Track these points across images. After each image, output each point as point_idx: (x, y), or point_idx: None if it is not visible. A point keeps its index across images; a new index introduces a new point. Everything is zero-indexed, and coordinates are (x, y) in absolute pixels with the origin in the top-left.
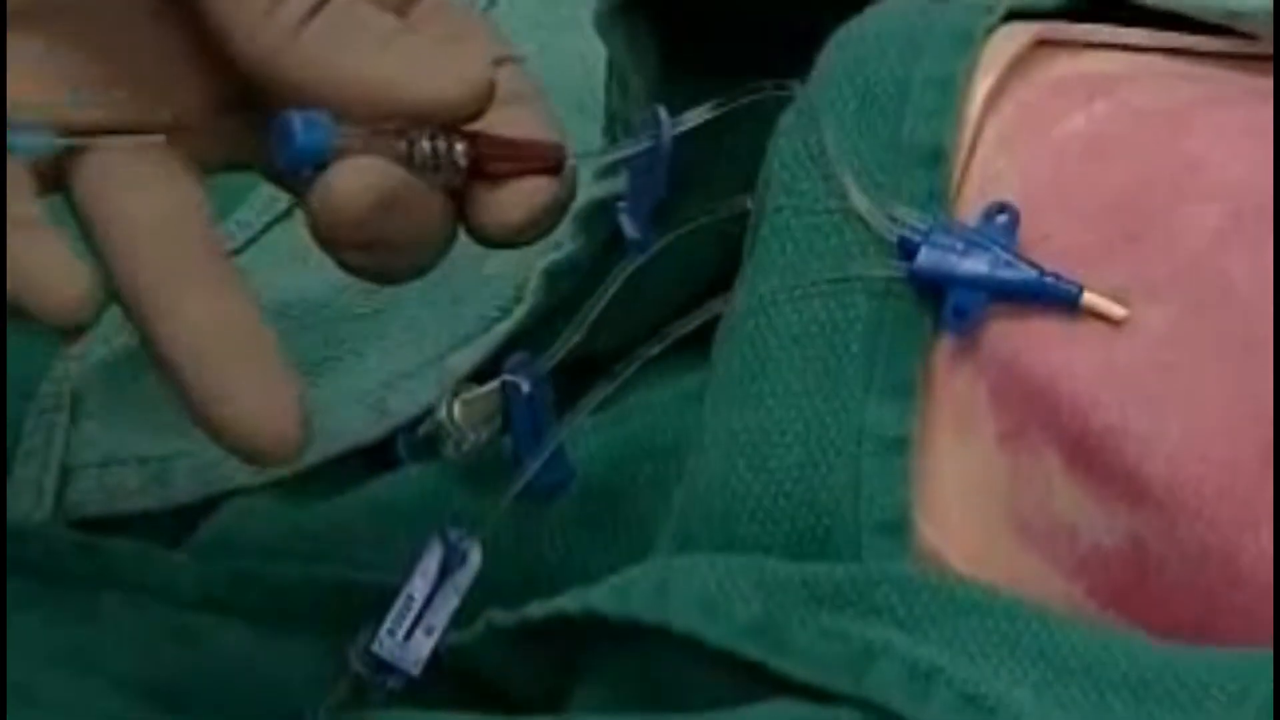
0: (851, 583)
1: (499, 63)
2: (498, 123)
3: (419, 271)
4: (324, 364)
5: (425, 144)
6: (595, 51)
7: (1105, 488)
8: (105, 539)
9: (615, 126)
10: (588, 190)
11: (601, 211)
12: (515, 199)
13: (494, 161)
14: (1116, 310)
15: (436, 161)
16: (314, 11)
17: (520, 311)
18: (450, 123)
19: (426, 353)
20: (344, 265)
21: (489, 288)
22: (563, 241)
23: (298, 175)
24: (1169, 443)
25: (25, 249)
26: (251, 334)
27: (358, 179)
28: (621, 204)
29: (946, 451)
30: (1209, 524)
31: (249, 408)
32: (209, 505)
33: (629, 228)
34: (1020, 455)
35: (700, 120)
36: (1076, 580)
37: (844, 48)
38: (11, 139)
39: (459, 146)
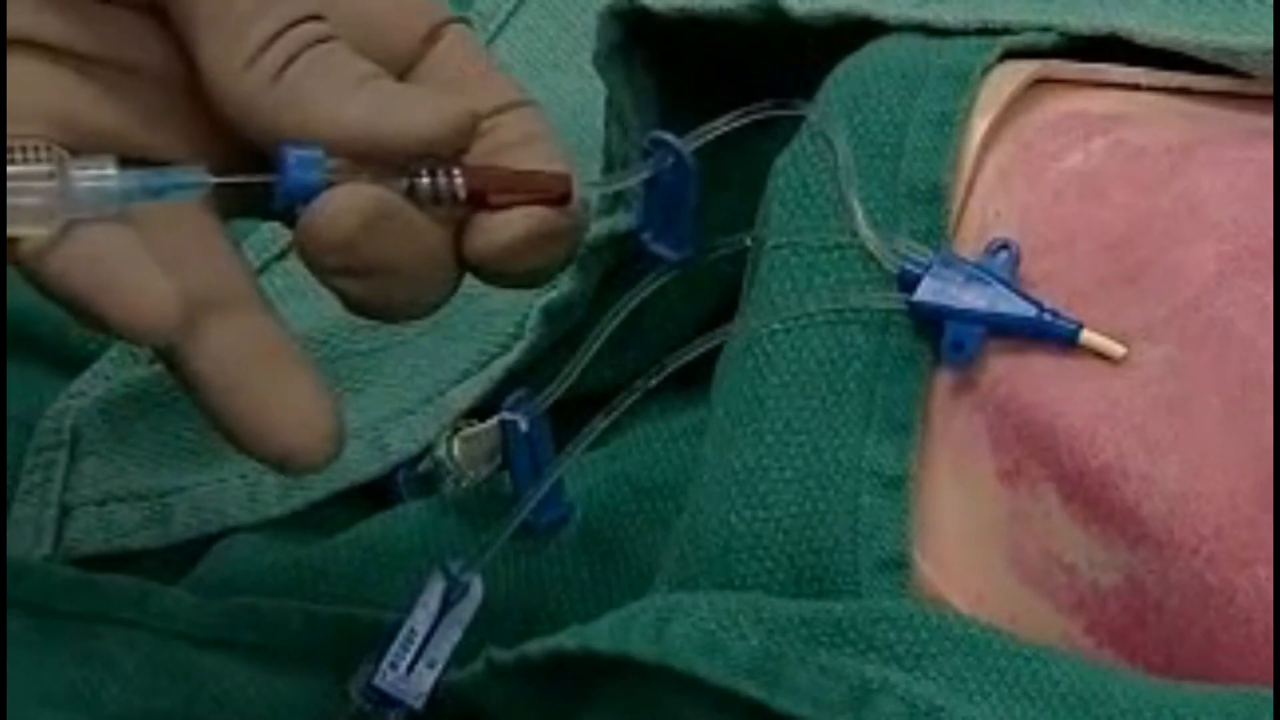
0: (850, 620)
1: (509, 107)
2: (507, 164)
3: (421, 307)
4: None
5: (425, 180)
6: (595, 90)
7: (1104, 526)
8: (104, 576)
9: (614, 166)
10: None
11: (598, 250)
12: (507, 221)
13: (496, 194)
14: (1115, 348)
15: (436, 194)
16: (292, 58)
17: (520, 348)
18: (441, 157)
19: (426, 389)
20: (342, 297)
21: (488, 324)
22: (560, 279)
23: (292, 212)
24: (1167, 481)
25: (115, 254)
26: (283, 345)
27: (346, 200)
28: (646, 234)
29: (945, 489)
30: (1207, 562)
31: (284, 411)
32: (208, 542)
33: (664, 250)
34: (1019, 493)
35: (715, 134)
36: (1075, 618)
37: (842, 86)
38: (167, 180)
39: (458, 179)
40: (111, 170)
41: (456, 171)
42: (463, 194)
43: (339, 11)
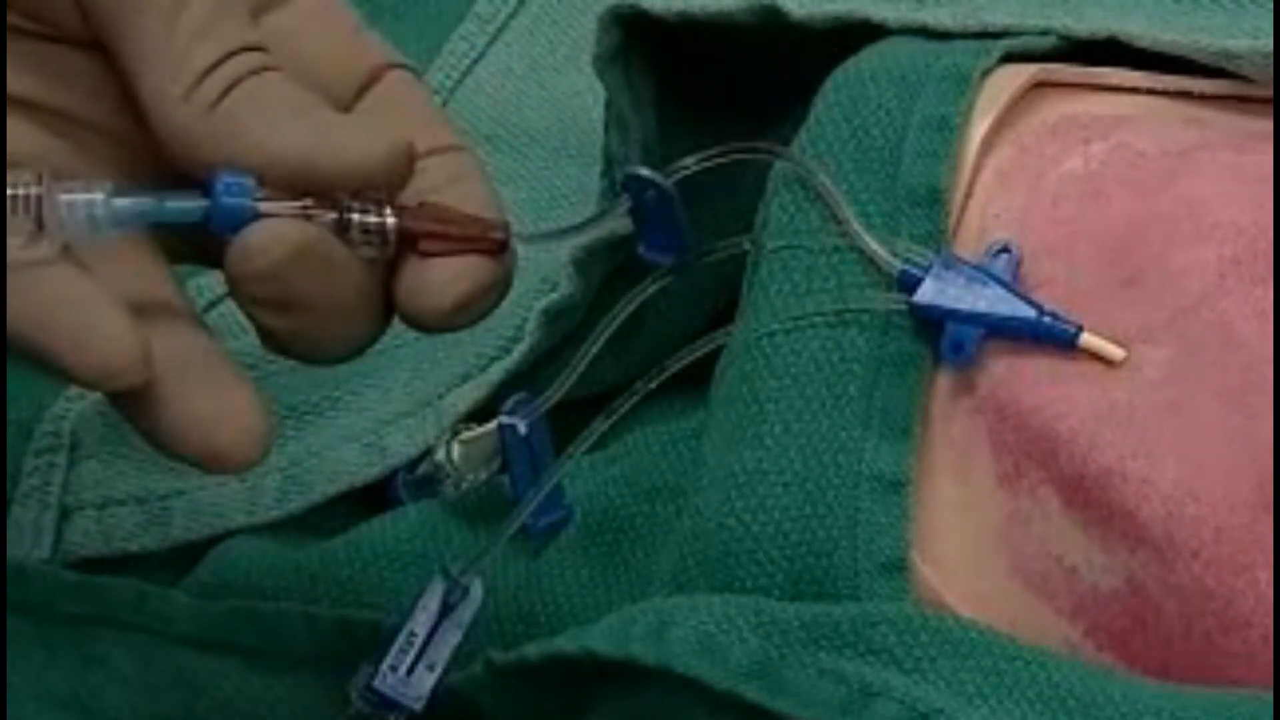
0: (850, 623)
1: (441, 150)
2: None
3: (341, 348)
4: (322, 405)
5: (356, 215)
6: (595, 92)
7: (1103, 529)
8: (103, 578)
9: (614, 169)
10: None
11: (598, 254)
12: (447, 280)
13: (428, 239)
14: (1115, 351)
15: (366, 229)
16: (231, 87)
17: (519, 351)
18: (373, 189)
19: (425, 392)
20: (263, 329)
21: (487, 327)
22: (560, 282)
23: (220, 238)
24: (1167, 485)
25: (72, 296)
26: (211, 351)
27: (271, 232)
28: (638, 245)
29: (945, 492)
30: (1206, 565)
31: (213, 409)
32: (208, 545)
33: (658, 257)
34: (1019, 496)
35: (686, 173)
36: (1075, 622)
37: (840, 89)
38: (216, 202)
39: (390, 220)
40: (100, 195)
41: (389, 210)
42: (392, 237)
43: (279, 49)
